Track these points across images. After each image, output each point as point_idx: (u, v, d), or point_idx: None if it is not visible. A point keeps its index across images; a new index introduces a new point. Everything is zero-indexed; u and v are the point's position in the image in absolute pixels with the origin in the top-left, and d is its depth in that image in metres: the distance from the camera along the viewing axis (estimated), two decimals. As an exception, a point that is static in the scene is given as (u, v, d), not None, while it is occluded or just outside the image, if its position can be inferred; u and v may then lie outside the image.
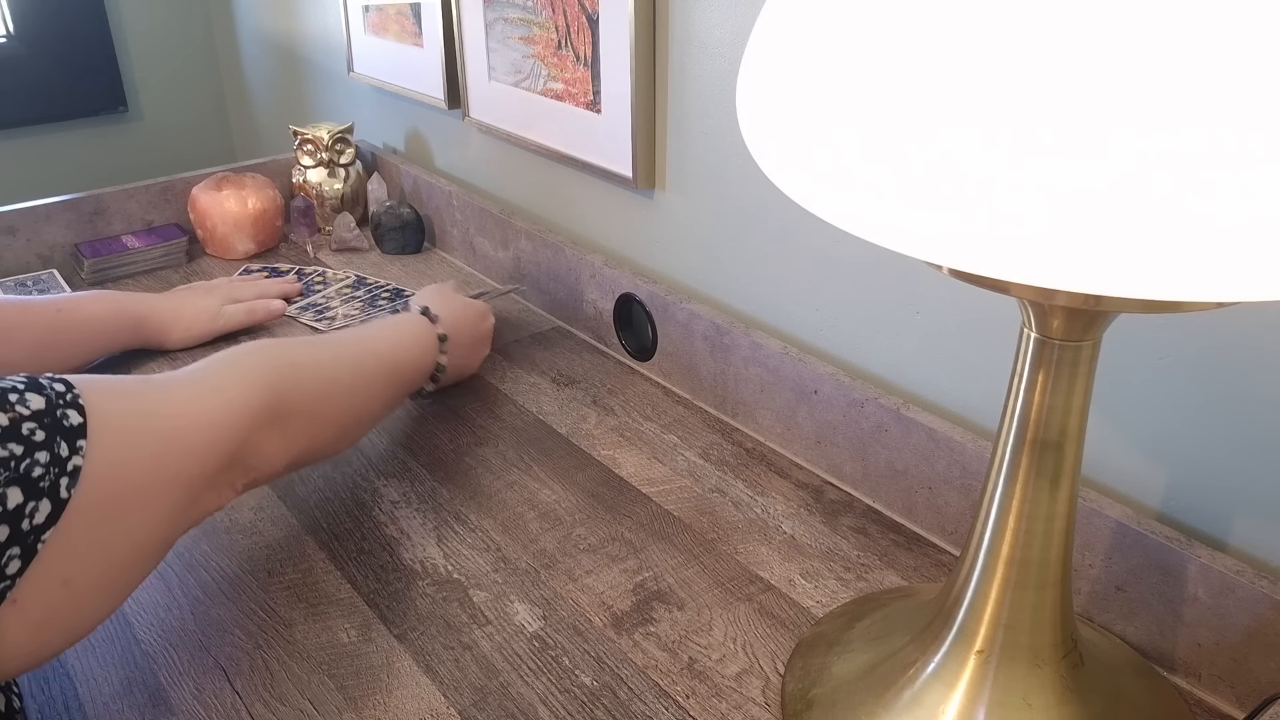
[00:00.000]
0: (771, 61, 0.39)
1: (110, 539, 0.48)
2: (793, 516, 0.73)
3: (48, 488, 0.44)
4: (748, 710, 0.57)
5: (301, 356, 0.65)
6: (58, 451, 0.45)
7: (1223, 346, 0.57)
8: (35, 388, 0.46)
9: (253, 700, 0.58)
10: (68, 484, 0.45)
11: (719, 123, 0.83)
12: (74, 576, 0.46)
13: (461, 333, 0.85)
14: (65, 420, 0.46)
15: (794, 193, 0.38)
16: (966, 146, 0.31)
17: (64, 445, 0.45)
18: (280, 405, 0.60)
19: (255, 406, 0.58)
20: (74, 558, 0.46)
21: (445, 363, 0.82)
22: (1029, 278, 0.31)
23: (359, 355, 0.71)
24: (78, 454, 0.46)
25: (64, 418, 0.46)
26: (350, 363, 0.69)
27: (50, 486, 0.44)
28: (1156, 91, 0.29)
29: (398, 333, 0.77)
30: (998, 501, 0.50)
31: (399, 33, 1.20)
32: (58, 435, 0.45)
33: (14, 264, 1.12)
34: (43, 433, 0.44)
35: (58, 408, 0.46)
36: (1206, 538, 0.60)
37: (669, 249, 0.93)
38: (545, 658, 0.61)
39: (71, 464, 0.45)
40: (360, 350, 0.71)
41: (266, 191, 1.18)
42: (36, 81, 1.65)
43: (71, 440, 0.46)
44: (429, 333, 0.80)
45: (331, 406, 0.66)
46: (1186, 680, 0.59)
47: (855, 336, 0.79)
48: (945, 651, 0.53)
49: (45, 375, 0.48)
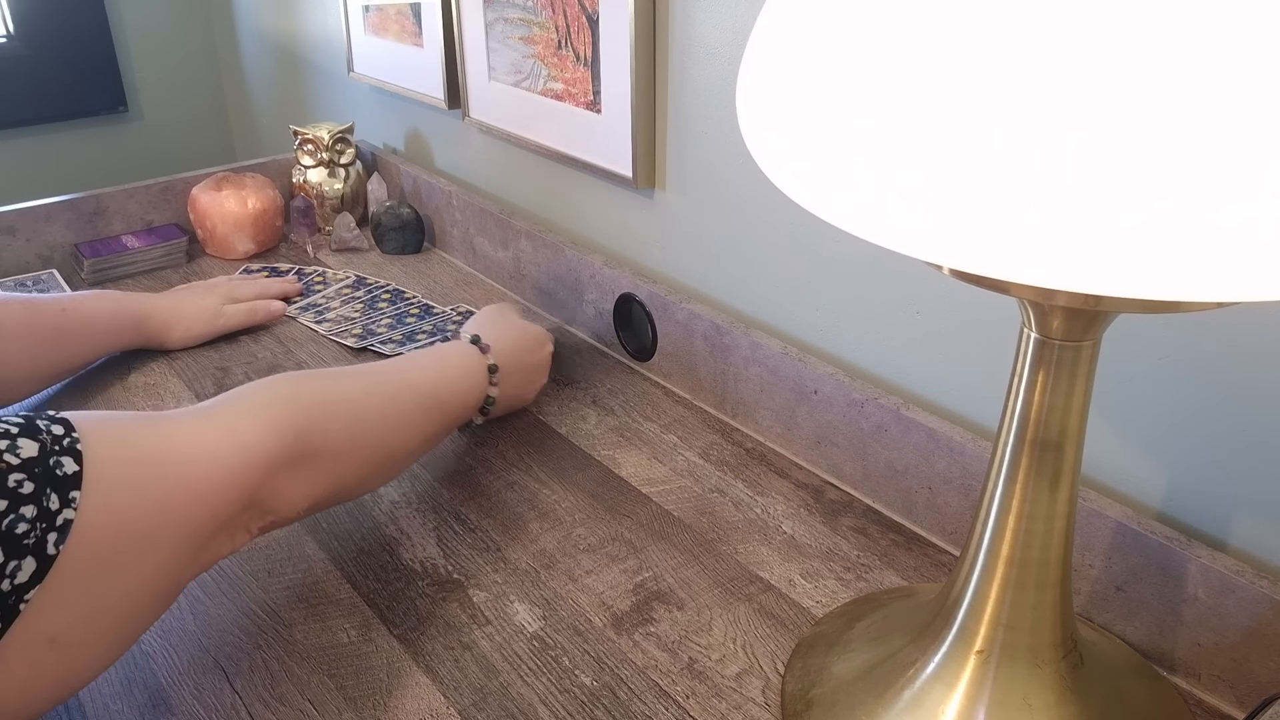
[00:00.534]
0: (771, 61, 0.39)
1: (104, 594, 0.45)
2: (793, 516, 0.73)
3: (33, 544, 0.41)
4: (748, 710, 0.57)
5: (329, 391, 0.61)
6: (46, 505, 0.42)
7: (1223, 346, 0.57)
8: (30, 431, 0.43)
9: (253, 700, 0.58)
10: (56, 539, 0.42)
11: (719, 123, 0.83)
12: (62, 634, 0.43)
13: (515, 362, 0.80)
14: (58, 469, 0.43)
15: (794, 193, 0.38)
16: (967, 146, 0.31)
17: (54, 497, 0.42)
18: (303, 446, 0.56)
19: (273, 448, 0.54)
20: (62, 615, 0.43)
21: (495, 395, 0.77)
22: (1029, 278, 0.31)
23: (395, 389, 0.66)
24: (69, 506, 0.43)
25: (57, 466, 0.43)
26: (383, 397, 0.64)
27: (36, 543, 0.41)
28: (1156, 91, 0.29)
29: (442, 364, 0.73)
30: (998, 501, 0.50)
31: (399, 33, 1.20)
32: (48, 487, 0.42)
33: (14, 264, 1.12)
34: (31, 484, 0.42)
35: (51, 455, 0.43)
36: (1206, 538, 0.60)
37: (669, 249, 0.93)
38: (545, 658, 0.61)
39: (61, 517, 0.42)
40: (397, 383, 0.67)
41: (266, 191, 1.18)
42: (36, 81, 1.65)
43: (64, 491, 0.43)
44: (478, 363, 0.75)
45: (361, 446, 0.61)
46: (1186, 680, 0.59)
47: (855, 336, 0.79)
48: (945, 651, 0.53)
49: (45, 416, 0.45)
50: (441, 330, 1.00)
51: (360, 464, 0.62)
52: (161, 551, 0.47)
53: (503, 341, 0.79)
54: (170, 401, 0.88)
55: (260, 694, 0.58)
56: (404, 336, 0.98)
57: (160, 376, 0.92)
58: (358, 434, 0.61)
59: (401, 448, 0.65)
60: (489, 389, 0.76)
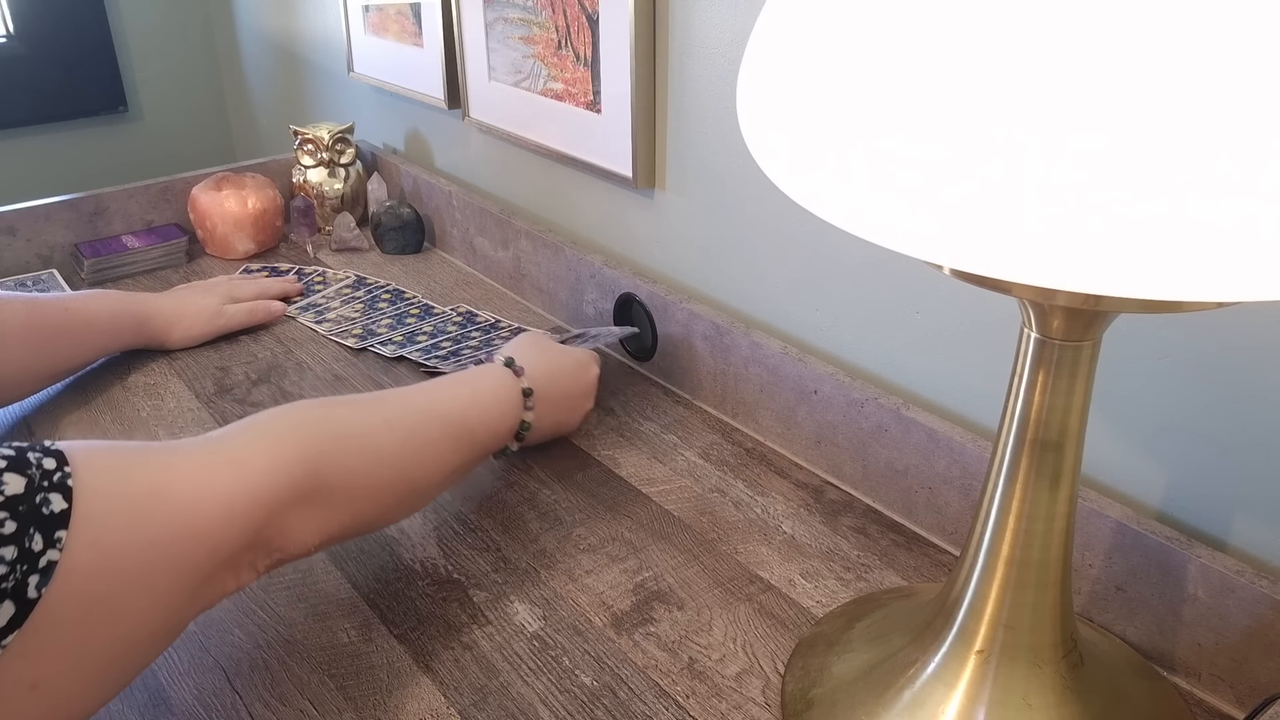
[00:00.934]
0: (772, 61, 0.39)
1: (92, 637, 0.42)
2: (793, 516, 0.73)
3: (11, 588, 0.39)
4: (748, 710, 0.57)
5: (346, 421, 0.57)
6: (28, 546, 0.40)
7: (1223, 346, 0.57)
8: (19, 465, 0.41)
9: (253, 700, 0.58)
10: (38, 582, 0.40)
11: (719, 123, 0.83)
12: (45, 679, 0.41)
13: (554, 387, 0.76)
14: (45, 507, 0.41)
15: (794, 193, 0.38)
16: (967, 146, 0.31)
17: (38, 538, 0.40)
18: (315, 481, 0.53)
19: (282, 484, 0.51)
20: (45, 660, 0.41)
21: (531, 420, 0.73)
22: (1029, 278, 0.31)
23: (420, 418, 0.62)
24: (54, 546, 0.40)
25: (44, 504, 0.41)
26: (406, 428, 0.61)
27: (15, 587, 0.39)
28: (1157, 92, 0.29)
29: (473, 389, 0.69)
30: (998, 501, 0.50)
31: (399, 33, 1.20)
32: (31, 526, 0.40)
33: (14, 264, 1.12)
34: (13, 524, 0.39)
35: (39, 491, 0.41)
36: (1206, 538, 0.60)
37: (669, 249, 0.93)
38: (545, 658, 0.61)
39: (45, 559, 0.40)
40: (423, 411, 0.63)
41: (266, 191, 1.18)
42: (36, 81, 1.65)
43: (48, 531, 0.40)
44: (511, 386, 0.71)
45: (381, 480, 0.58)
46: (1186, 680, 0.59)
47: (855, 336, 0.79)
48: (945, 651, 0.53)
49: (39, 447, 0.43)
50: (441, 331, 1.00)
51: (379, 498, 0.58)
52: (156, 592, 0.45)
53: (540, 366, 0.75)
54: (170, 401, 0.88)
55: (260, 694, 0.58)
56: (404, 338, 0.98)
57: (160, 376, 0.92)
58: (377, 468, 0.58)
59: (426, 480, 0.62)
60: (524, 414, 0.72)
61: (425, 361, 0.93)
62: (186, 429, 0.84)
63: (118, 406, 0.87)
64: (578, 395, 0.79)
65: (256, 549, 0.51)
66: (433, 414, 0.64)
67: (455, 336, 0.98)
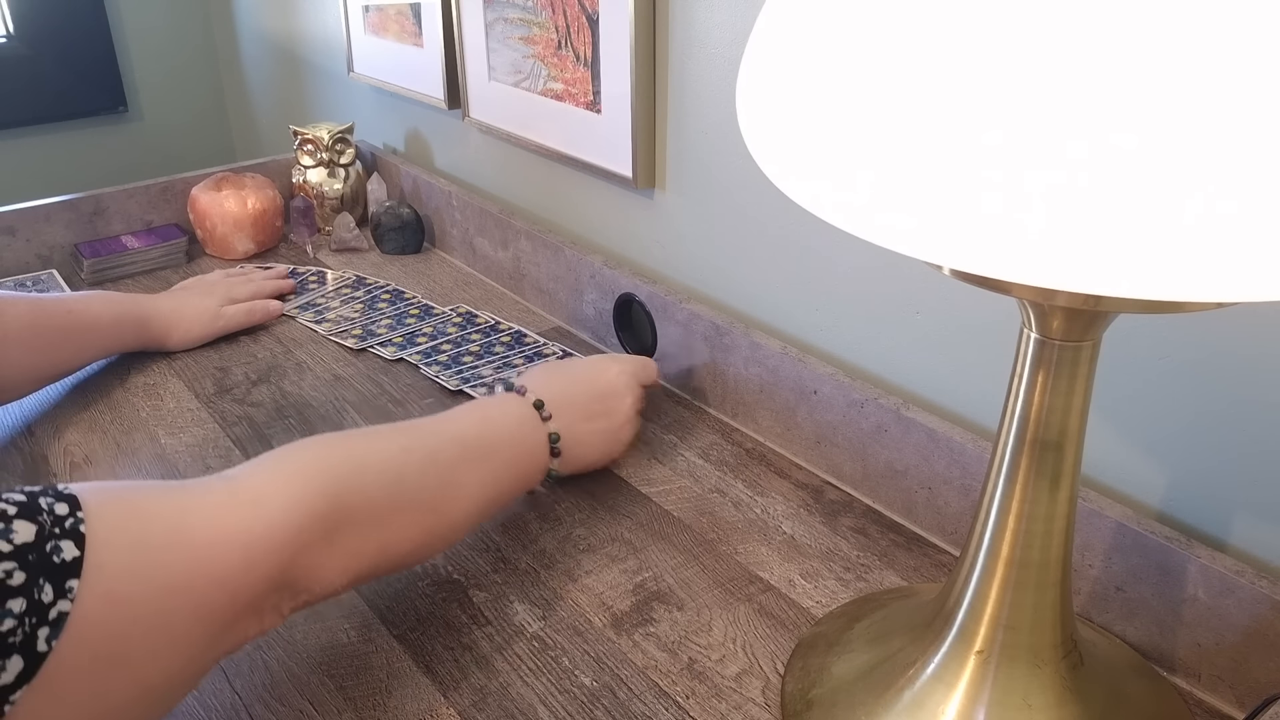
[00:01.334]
0: (771, 62, 0.39)
1: (107, 688, 0.41)
2: (792, 517, 0.73)
3: (20, 642, 0.38)
4: (747, 710, 0.57)
5: (362, 450, 0.56)
6: (38, 597, 0.38)
7: (1223, 346, 0.57)
8: (30, 512, 0.40)
9: (252, 700, 0.58)
10: (48, 634, 0.38)
11: (719, 123, 0.83)
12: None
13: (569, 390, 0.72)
14: (56, 555, 0.40)
15: (794, 193, 0.38)
16: (967, 146, 0.31)
17: (48, 588, 0.39)
18: (338, 513, 0.51)
19: (303, 519, 0.49)
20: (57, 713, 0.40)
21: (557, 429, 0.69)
22: (1029, 278, 0.31)
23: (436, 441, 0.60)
24: (65, 597, 0.39)
25: (55, 552, 0.40)
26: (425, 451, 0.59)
27: (24, 640, 0.38)
28: (1157, 92, 0.29)
29: (483, 410, 0.66)
30: (998, 501, 0.50)
31: (399, 33, 1.20)
32: (41, 576, 0.39)
33: (14, 264, 1.12)
34: (22, 574, 0.38)
35: (49, 539, 0.40)
36: (1206, 538, 0.60)
37: (669, 249, 0.93)
38: (545, 658, 0.61)
39: (55, 610, 0.39)
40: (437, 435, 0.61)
41: (266, 192, 1.18)
42: (36, 81, 1.65)
43: (59, 581, 0.39)
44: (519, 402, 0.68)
45: (405, 506, 0.56)
46: (1186, 680, 0.59)
47: (855, 336, 0.79)
48: (945, 652, 0.53)
49: (51, 491, 0.42)
50: (441, 332, 1.00)
51: (405, 527, 0.56)
52: (174, 640, 0.44)
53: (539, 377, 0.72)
54: (170, 401, 0.88)
55: (260, 694, 0.58)
56: (404, 339, 0.98)
57: (160, 376, 0.92)
58: (399, 495, 0.55)
59: (452, 506, 0.59)
60: (546, 426, 0.69)
61: (430, 372, 0.93)
62: (186, 429, 0.84)
63: (118, 407, 0.87)
64: (606, 394, 0.74)
65: (281, 591, 0.49)
66: (449, 437, 0.61)
67: (455, 339, 0.98)
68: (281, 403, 0.88)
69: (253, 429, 0.84)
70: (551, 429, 0.69)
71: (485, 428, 0.64)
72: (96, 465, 0.79)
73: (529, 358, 0.94)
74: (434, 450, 0.59)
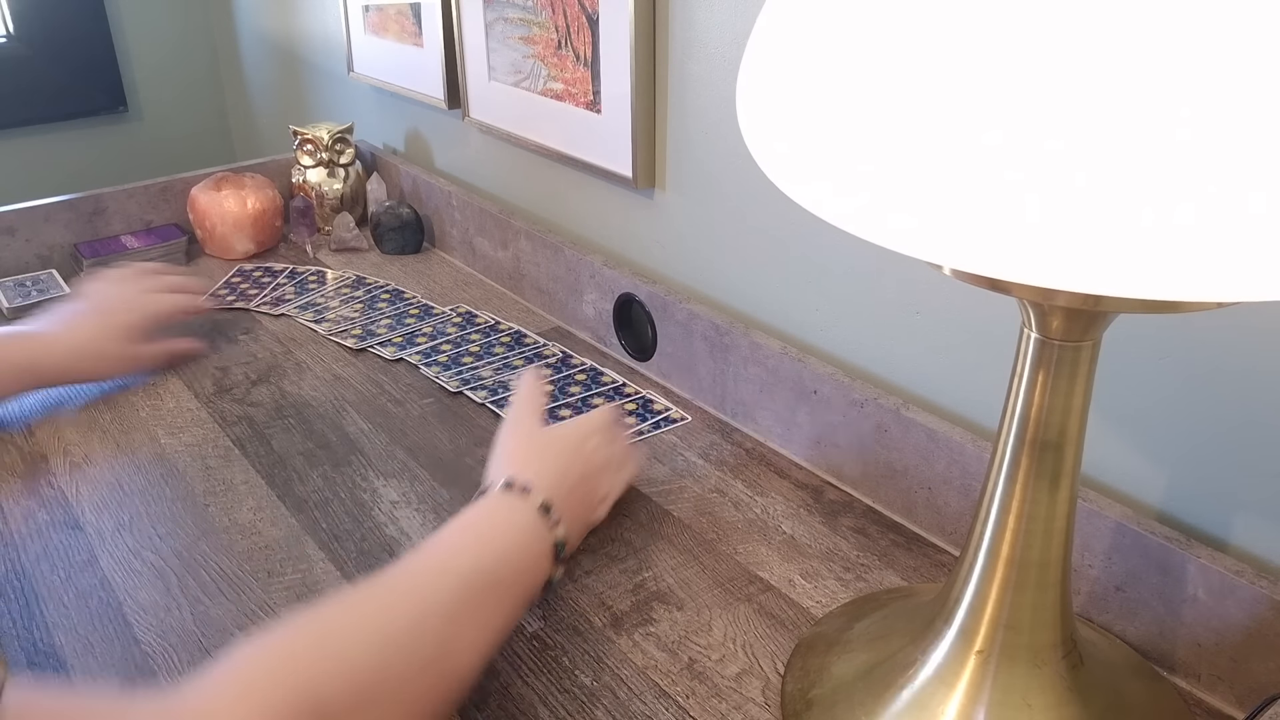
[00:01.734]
0: (771, 62, 0.39)
1: None
2: (792, 517, 0.73)
3: None
4: (747, 710, 0.57)
5: (334, 624, 0.48)
6: None
7: (1223, 346, 0.57)
8: None
9: (252, 700, 0.58)
10: None
11: (719, 123, 0.83)
12: None
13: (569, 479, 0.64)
14: None
15: (794, 193, 0.38)
16: (967, 146, 0.31)
17: None
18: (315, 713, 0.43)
19: None
20: None
21: (564, 535, 0.61)
22: (1029, 278, 0.31)
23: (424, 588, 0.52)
24: None
25: None
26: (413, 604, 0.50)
27: None
28: (1157, 92, 0.29)
29: (477, 532, 0.58)
30: (998, 501, 0.50)
31: (399, 33, 1.20)
32: None
33: (13, 264, 1.12)
34: None
35: None
36: (1206, 538, 0.60)
37: (669, 249, 0.93)
38: (545, 658, 0.61)
39: None
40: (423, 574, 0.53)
41: (266, 191, 1.18)
42: (36, 81, 1.65)
43: None
44: (524, 510, 0.60)
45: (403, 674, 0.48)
46: (1186, 680, 0.59)
47: (855, 336, 0.79)
48: (945, 652, 0.53)
49: None
50: (441, 332, 1.00)
51: (414, 700, 0.48)
52: None
53: (535, 464, 0.63)
54: (169, 401, 0.88)
55: (260, 694, 0.58)
56: (404, 339, 0.98)
57: (159, 376, 0.92)
58: (392, 662, 0.47)
59: (456, 661, 0.51)
60: (553, 533, 0.60)
61: (430, 372, 0.93)
62: (186, 429, 0.84)
63: (117, 407, 0.87)
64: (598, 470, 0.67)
65: None
66: (442, 578, 0.53)
67: (455, 339, 0.98)
68: (281, 403, 0.88)
69: (252, 429, 0.84)
70: (559, 535, 0.60)
71: (484, 553, 0.55)
72: (96, 465, 0.79)
73: (529, 358, 0.94)
74: (425, 604, 0.51)
